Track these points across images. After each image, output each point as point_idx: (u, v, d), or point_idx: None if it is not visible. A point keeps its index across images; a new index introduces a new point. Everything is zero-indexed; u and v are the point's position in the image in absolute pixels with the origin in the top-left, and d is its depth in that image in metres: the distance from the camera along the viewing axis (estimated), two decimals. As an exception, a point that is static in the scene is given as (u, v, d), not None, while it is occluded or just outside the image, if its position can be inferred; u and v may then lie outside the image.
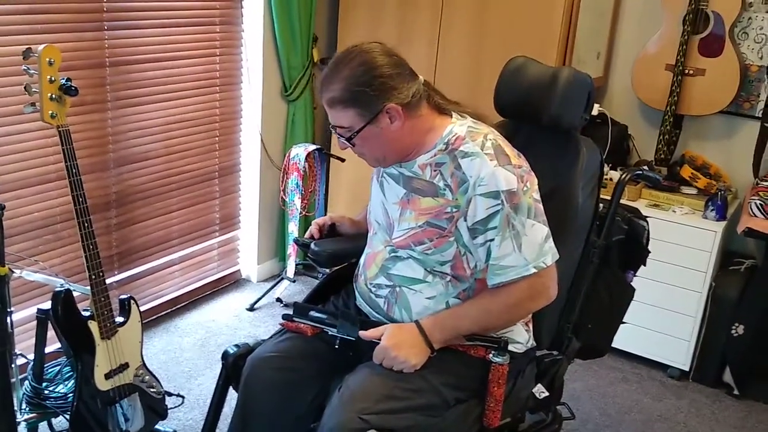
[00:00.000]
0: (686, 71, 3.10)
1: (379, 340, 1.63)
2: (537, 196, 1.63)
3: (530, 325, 1.81)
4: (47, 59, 1.97)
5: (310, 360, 1.75)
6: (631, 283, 2.10)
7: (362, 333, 1.65)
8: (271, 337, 1.85)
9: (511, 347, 1.71)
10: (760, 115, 3.07)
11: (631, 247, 2.04)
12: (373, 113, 1.59)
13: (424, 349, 1.62)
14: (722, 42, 3.03)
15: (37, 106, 2.00)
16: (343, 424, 1.51)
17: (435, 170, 1.64)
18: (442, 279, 1.66)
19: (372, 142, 1.64)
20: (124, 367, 2.20)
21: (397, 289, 1.70)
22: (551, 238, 1.63)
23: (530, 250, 1.59)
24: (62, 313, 2.06)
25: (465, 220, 1.61)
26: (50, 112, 1.99)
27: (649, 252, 2.07)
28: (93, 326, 2.10)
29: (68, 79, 2.04)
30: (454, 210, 1.61)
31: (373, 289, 1.75)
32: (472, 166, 1.59)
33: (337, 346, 1.70)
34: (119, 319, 2.20)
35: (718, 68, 3.05)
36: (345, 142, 1.65)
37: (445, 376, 1.64)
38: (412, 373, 1.61)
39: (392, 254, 1.71)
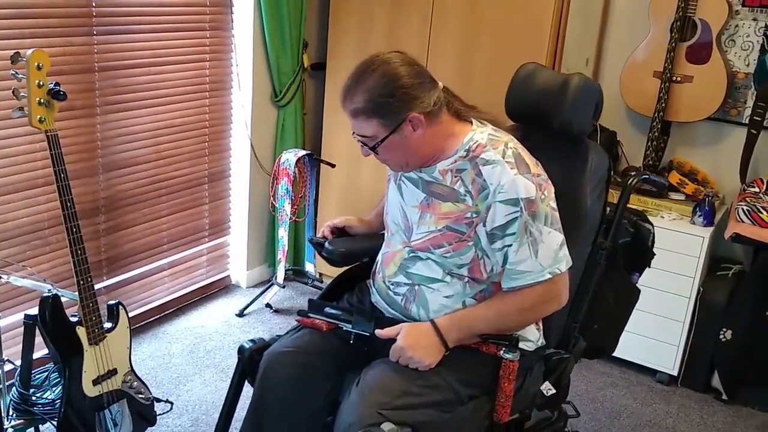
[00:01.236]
0: (674, 78, 3.12)
1: (395, 338, 1.67)
2: (554, 204, 1.67)
3: (540, 325, 1.85)
4: (36, 63, 1.97)
5: (326, 355, 1.78)
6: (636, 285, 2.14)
7: (378, 332, 1.70)
8: (287, 332, 1.89)
9: (522, 345, 1.74)
10: (747, 122, 3.09)
11: (636, 249, 2.08)
12: (396, 123, 1.63)
13: (439, 348, 1.66)
14: (709, 49, 3.05)
15: (25, 111, 2.00)
16: (362, 419, 1.55)
17: (456, 176, 1.68)
18: (461, 279, 1.71)
19: (395, 150, 1.68)
20: (113, 373, 2.18)
21: (416, 287, 1.74)
22: (566, 246, 1.68)
23: (546, 256, 1.64)
24: (50, 319, 2.04)
25: (484, 226, 1.65)
26: (38, 116, 1.99)
27: (654, 254, 2.12)
28: (81, 332, 2.09)
29: (57, 84, 2.03)
30: (474, 215, 1.65)
31: (392, 287, 1.79)
32: (493, 173, 1.63)
33: (352, 342, 1.74)
34: (107, 325, 2.19)
35: (706, 75, 3.08)
36: (369, 150, 1.69)
37: (459, 372, 1.68)
38: (428, 371, 1.65)
39: (411, 254, 1.75)
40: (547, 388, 1.83)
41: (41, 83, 1.98)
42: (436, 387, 1.65)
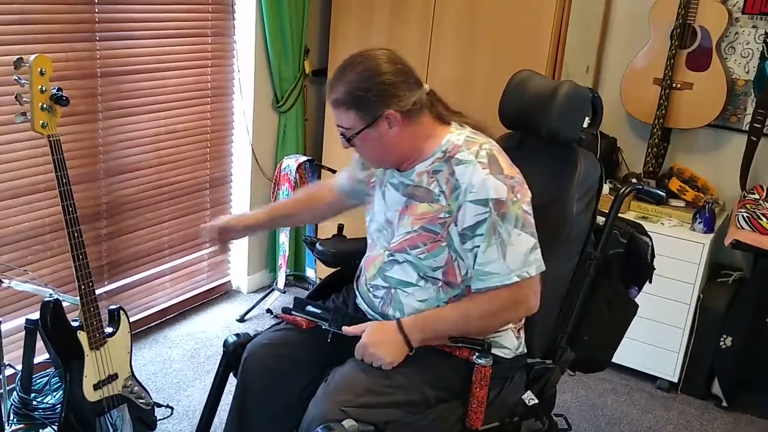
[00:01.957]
0: (674, 85, 3.13)
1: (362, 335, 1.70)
2: (528, 207, 1.66)
3: (521, 333, 1.83)
4: (38, 69, 1.98)
5: (303, 350, 1.83)
6: (635, 300, 2.10)
7: (346, 329, 1.73)
8: (269, 327, 1.95)
9: (498, 351, 1.74)
10: (747, 129, 3.09)
11: (634, 263, 2.05)
12: (372, 117, 1.65)
13: (402, 347, 1.67)
14: (709, 56, 3.06)
15: (28, 116, 2.01)
16: (324, 414, 1.59)
17: (432, 177, 1.70)
18: (434, 284, 1.71)
19: (370, 144, 1.70)
20: (113, 377, 2.19)
21: (392, 290, 1.76)
22: (538, 250, 1.66)
23: (514, 259, 1.63)
24: (51, 323, 2.05)
25: (455, 226, 1.65)
26: (41, 121, 2.00)
27: (654, 268, 2.08)
28: (82, 336, 2.09)
29: (59, 89, 2.04)
30: (447, 215, 1.66)
31: (372, 290, 1.81)
32: (465, 173, 1.64)
33: (329, 340, 1.77)
34: (108, 330, 2.19)
35: (706, 82, 3.09)
36: (345, 141, 1.72)
37: (428, 375, 1.69)
38: (395, 370, 1.67)
39: (390, 258, 1.77)
40: (530, 398, 1.82)
41: (44, 88, 2.00)
42: (402, 388, 1.66)
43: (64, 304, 2.11)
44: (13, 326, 2.61)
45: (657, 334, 3.04)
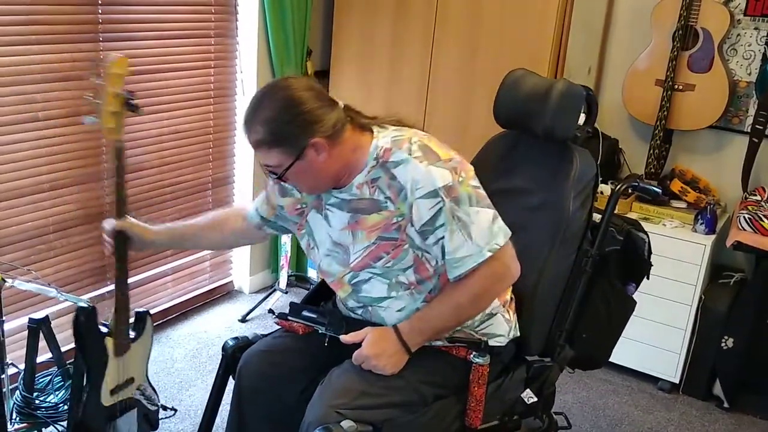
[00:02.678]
0: (676, 86, 3.13)
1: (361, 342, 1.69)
2: (475, 182, 1.65)
3: (512, 315, 1.83)
4: (114, 71, 1.90)
5: (300, 356, 1.83)
6: (632, 296, 2.11)
7: (344, 338, 1.72)
8: (267, 334, 1.95)
9: (493, 342, 1.75)
10: (749, 130, 3.09)
11: (629, 259, 2.06)
12: (299, 150, 1.60)
13: (402, 356, 1.68)
14: (711, 58, 3.07)
15: (96, 118, 1.93)
16: (321, 417, 1.59)
17: (372, 186, 1.67)
18: (406, 290, 1.70)
19: (303, 176, 1.65)
20: (129, 382, 2.16)
21: (369, 308, 1.75)
22: (499, 219, 1.66)
23: (481, 235, 1.62)
24: (85, 329, 2.02)
25: (412, 226, 1.64)
26: (110, 125, 1.93)
27: (651, 265, 2.08)
28: (108, 342, 2.06)
29: (131, 92, 1.97)
30: (400, 219, 1.64)
31: (350, 310, 1.81)
32: (405, 172, 1.62)
33: (326, 344, 1.76)
34: (132, 334, 2.16)
35: (708, 84, 3.09)
36: (275, 178, 1.67)
37: (425, 373, 1.69)
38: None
39: (354, 280, 1.74)
40: (528, 396, 1.82)
41: (116, 92, 1.92)
42: (398, 388, 1.66)
43: (67, 304, 2.11)
44: (16, 325, 2.62)
45: (658, 334, 3.04)
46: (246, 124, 1.64)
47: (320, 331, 1.78)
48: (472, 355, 1.68)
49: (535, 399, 1.83)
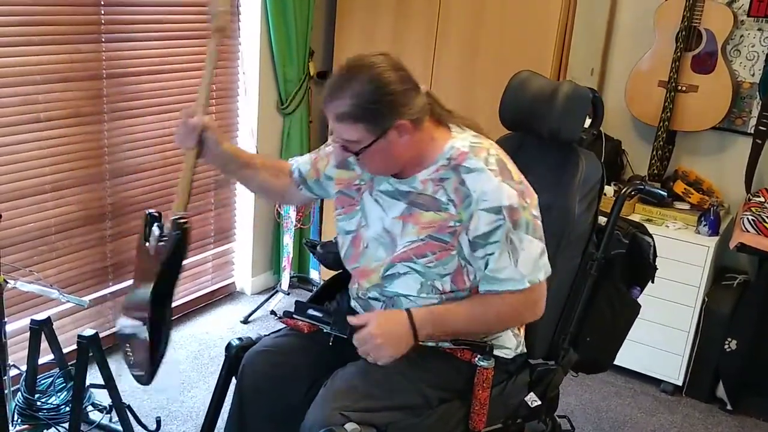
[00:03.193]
0: (679, 88, 3.12)
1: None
2: (536, 212, 1.65)
3: (521, 331, 1.83)
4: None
5: (304, 355, 1.81)
6: (637, 300, 2.09)
7: (351, 319, 1.65)
8: (270, 333, 1.93)
9: (499, 352, 1.74)
10: (752, 132, 3.09)
11: (634, 262, 2.05)
12: (383, 129, 1.58)
13: (408, 341, 1.62)
14: (715, 59, 3.06)
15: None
16: (324, 419, 1.57)
17: (437, 185, 1.66)
18: (437, 295, 1.68)
19: (377, 156, 1.63)
20: None
21: (392, 301, 1.73)
22: (546, 255, 1.66)
23: (526, 265, 1.61)
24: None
25: (466, 234, 1.62)
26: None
27: (656, 268, 2.07)
28: None
29: None
30: (457, 224, 1.63)
31: (370, 300, 1.79)
32: (477, 180, 1.61)
33: (331, 344, 1.74)
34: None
35: (711, 85, 3.08)
36: (348, 154, 1.64)
37: (429, 376, 1.68)
38: (395, 373, 1.65)
39: (389, 272, 1.71)
40: (532, 400, 1.81)
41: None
42: (402, 391, 1.65)
43: (68, 305, 2.11)
44: (18, 327, 2.62)
45: (661, 337, 3.04)
46: (331, 94, 1.60)
47: (325, 330, 1.76)
48: (477, 358, 1.67)
49: (539, 402, 1.82)
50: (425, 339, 1.66)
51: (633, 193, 2.14)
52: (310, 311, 1.79)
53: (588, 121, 1.99)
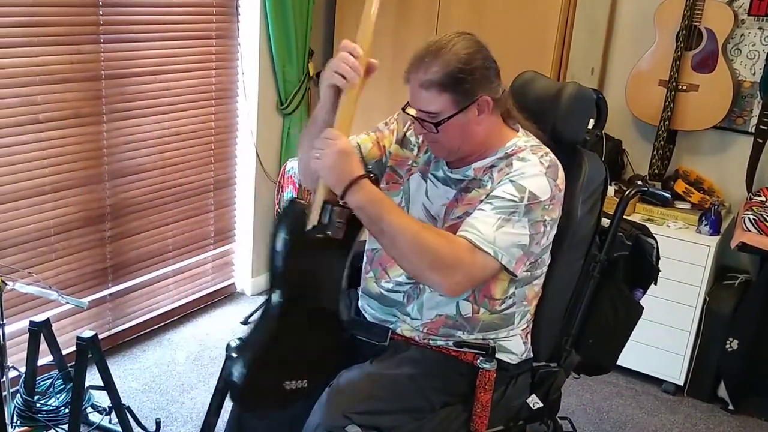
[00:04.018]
0: (680, 87, 3.12)
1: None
2: (550, 222, 1.64)
3: (528, 338, 1.82)
4: None
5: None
6: (639, 302, 2.09)
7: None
8: None
9: (504, 357, 1.73)
10: (753, 131, 3.08)
11: (639, 265, 2.04)
12: (467, 102, 1.59)
13: (338, 180, 1.53)
14: (715, 58, 3.05)
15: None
16: (327, 421, 1.57)
17: (486, 171, 1.68)
18: None
19: (454, 132, 1.62)
20: None
21: (421, 285, 1.71)
22: (525, 253, 1.61)
23: (503, 238, 1.56)
24: None
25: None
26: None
27: (659, 270, 2.06)
28: None
29: None
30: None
31: (394, 286, 1.75)
32: (522, 165, 1.63)
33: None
34: None
35: (712, 84, 3.07)
36: (427, 126, 1.61)
37: (432, 379, 1.68)
38: (399, 376, 1.65)
39: None
40: (534, 402, 1.81)
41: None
42: (406, 394, 1.64)
43: (68, 306, 2.11)
44: (17, 328, 2.61)
45: (663, 336, 3.03)
46: (419, 62, 1.59)
47: None
48: (479, 360, 1.66)
49: (541, 404, 1.81)
50: (352, 204, 1.54)
51: (637, 194, 2.12)
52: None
53: (591, 123, 1.98)
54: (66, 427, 2.21)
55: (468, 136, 1.64)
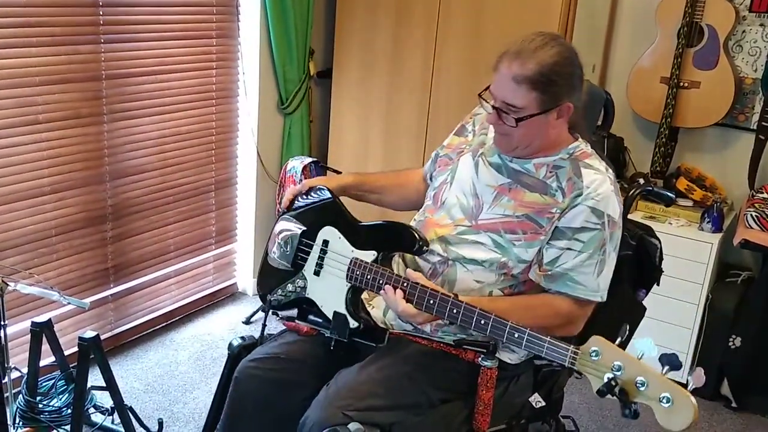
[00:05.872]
0: (681, 84, 3.11)
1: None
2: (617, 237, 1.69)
3: None
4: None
5: (302, 362, 1.79)
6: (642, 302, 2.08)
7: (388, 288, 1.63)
8: (272, 337, 1.92)
9: (505, 356, 1.73)
10: (755, 128, 3.08)
11: (641, 265, 2.04)
12: (552, 105, 1.61)
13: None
14: (717, 55, 3.04)
15: None
16: (327, 419, 1.56)
17: (551, 172, 1.68)
18: (501, 273, 1.68)
19: (530, 130, 1.64)
20: None
21: (450, 262, 1.72)
22: None
23: (605, 280, 1.65)
24: None
25: (558, 221, 1.64)
26: None
27: (662, 271, 2.06)
28: None
29: None
30: (558, 212, 1.64)
31: (428, 256, 1.75)
32: (593, 179, 1.64)
33: (332, 348, 1.74)
34: None
35: (713, 81, 3.07)
36: (507, 118, 1.63)
37: (432, 376, 1.68)
38: (398, 373, 1.65)
39: (465, 235, 1.71)
40: (536, 400, 1.81)
41: None
42: (405, 390, 1.65)
43: (69, 307, 2.10)
44: (18, 329, 2.61)
45: (665, 334, 3.02)
46: (517, 54, 1.60)
47: (326, 335, 1.75)
48: (480, 358, 1.66)
49: (543, 403, 1.81)
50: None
51: (641, 194, 2.12)
52: (311, 316, 1.80)
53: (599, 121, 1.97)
54: (68, 427, 2.21)
55: (541, 137, 1.66)
